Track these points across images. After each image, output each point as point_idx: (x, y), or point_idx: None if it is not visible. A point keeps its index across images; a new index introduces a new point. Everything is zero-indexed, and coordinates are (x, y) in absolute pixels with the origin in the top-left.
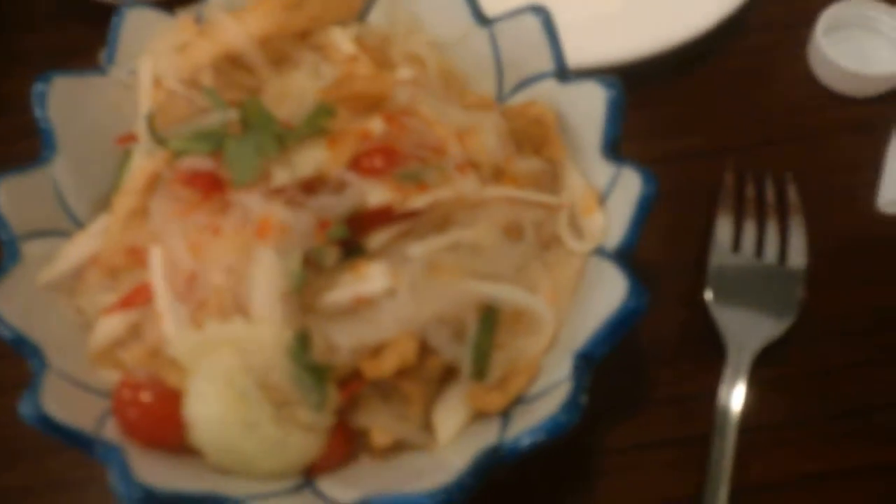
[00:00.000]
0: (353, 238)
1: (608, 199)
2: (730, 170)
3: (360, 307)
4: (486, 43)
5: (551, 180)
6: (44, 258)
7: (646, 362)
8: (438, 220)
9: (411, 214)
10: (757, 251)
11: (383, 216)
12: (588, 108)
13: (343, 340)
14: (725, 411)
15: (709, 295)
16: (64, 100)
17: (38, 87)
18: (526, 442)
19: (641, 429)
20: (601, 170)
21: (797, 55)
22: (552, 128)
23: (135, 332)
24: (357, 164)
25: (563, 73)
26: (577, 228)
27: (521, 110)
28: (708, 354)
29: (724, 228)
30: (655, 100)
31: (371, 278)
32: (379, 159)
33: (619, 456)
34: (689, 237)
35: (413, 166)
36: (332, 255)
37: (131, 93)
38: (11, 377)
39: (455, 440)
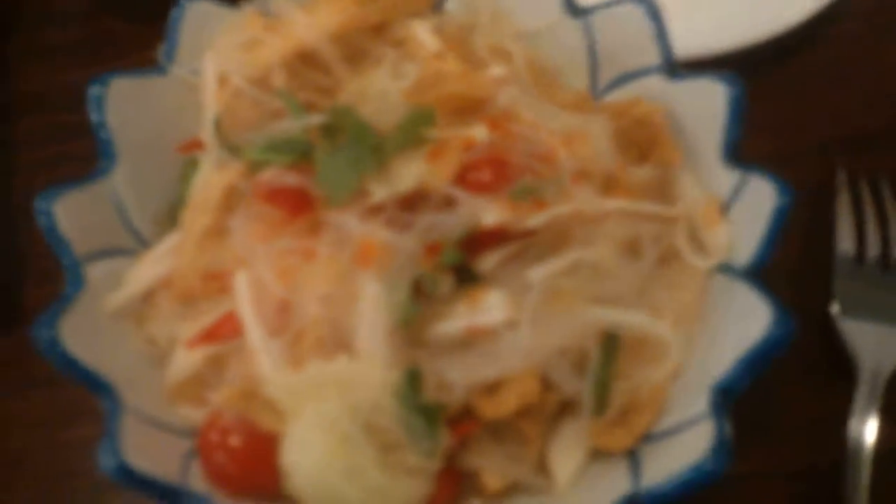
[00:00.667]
0: (466, 262)
1: (731, 209)
2: (841, 168)
3: (474, 340)
4: (578, 34)
5: (663, 189)
6: (109, 281)
7: (767, 382)
8: (554, 237)
9: (527, 234)
10: (883, 259)
11: (497, 237)
12: (704, 107)
13: (457, 377)
14: (859, 441)
15: (835, 308)
16: (121, 103)
17: (94, 90)
18: (670, 491)
19: (764, 458)
20: (722, 177)
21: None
22: (662, 129)
23: (216, 365)
24: (463, 177)
25: (672, 68)
26: (697, 242)
27: (624, 109)
28: (830, 373)
29: (844, 235)
30: (752, 94)
31: (489, 308)
32: (487, 172)
33: (739, 485)
34: (799, 242)
35: (526, 180)
36: (445, 282)
37: (194, 94)
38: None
39: (574, 483)
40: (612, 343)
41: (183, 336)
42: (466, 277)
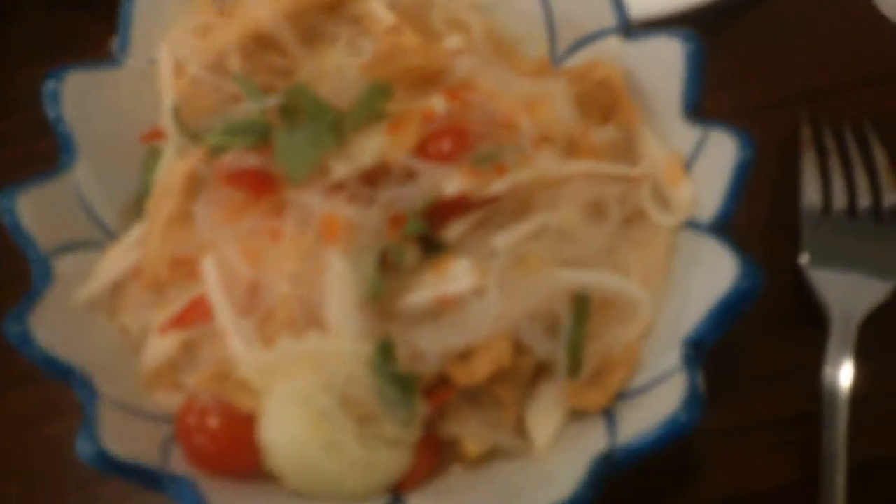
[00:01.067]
0: (431, 232)
1: (694, 165)
2: (806, 122)
3: (444, 309)
4: (534, 2)
5: (626, 149)
6: (78, 274)
7: (739, 336)
8: (518, 203)
9: (491, 201)
10: (850, 208)
11: (461, 205)
12: (662, 65)
13: (429, 346)
14: (834, 386)
15: (804, 259)
16: (78, 97)
17: (49, 84)
18: (645, 446)
19: (743, 409)
20: (683, 134)
21: None
22: (621, 90)
23: (190, 350)
24: (423, 149)
25: (628, 29)
26: (661, 200)
27: (583, 73)
28: (804, 324)
29: (810, 186)
30: (711, 50)
31: (456, 276)
32: (447, 142)
33: (721, 439)
34: (767, 196)
35: (486, 147)
36: (411, 253)
37: (151, 85)
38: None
39: (553, 445)
40: (583, 304)
41: (155, 324)
42: (432, 248)
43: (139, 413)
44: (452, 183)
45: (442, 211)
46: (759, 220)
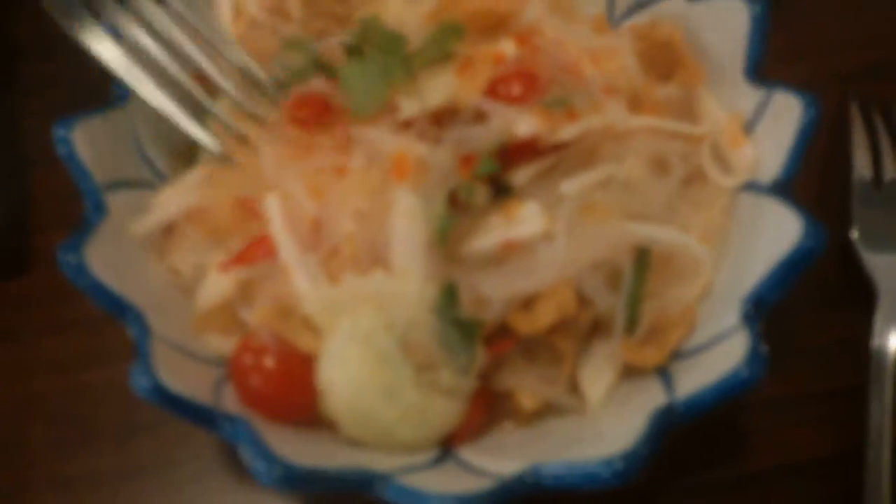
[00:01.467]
0: (501, 174)
1: (756, 127)
2: (854, 98)
3: (510, 254)
4: None
5: (686, 109)
6: (130, 212)
7: (787, 308)
8: (584, 153)
9: (560, 146)
10: None
11: (531, 149)
12: (726, 26)
13: (494, 292)
14: (881, 360)
15: (855, 234)
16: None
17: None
18: (707, 399)
19: (788, 381)
20: (745, 95)
21: None
22: (683, 50)
23: (247, 291)
24: (493, 91)
25: None
26: (722, 161)
27: (644, 32)
28: (853, 298)
29: (862, 163)
30: None
31: (524, 220)
32: (517, 86)
33: (765, 411)
34: (815, 170)
35: (557, 93)
36: (481, 192)
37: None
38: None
39: (606, 402)
40: (644, 258)
41: (211, 265)
42: (500, 191)
43: (190, 354)
44: (524, 124)
45: (511, 154)
46: (808, 194)
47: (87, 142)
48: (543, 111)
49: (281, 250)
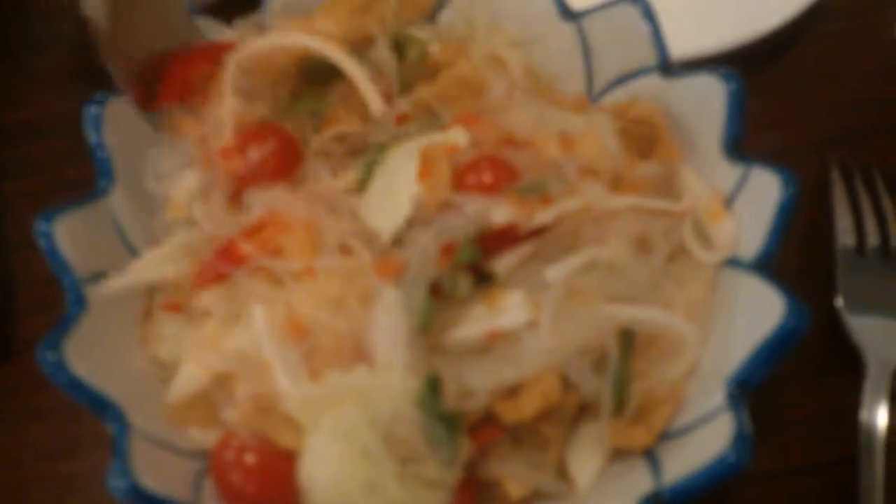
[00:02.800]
0: (482, 262)
1: (735, 202)
2: (836, 164)
3: (494, 343)
4: (573, 39)
5: (666, 186)
6: (111, 302)
7: (777, 378)
8: (566, 237)
9: (539, 232)
10: (883, 251)
11: (510, 236)
12: (703, 104)
13: (479, 382)
14: (871, 431)
15: (840, 302)
16: (118, 123)
17: (91, 109)
18: (693, 486)
19: (777, 454)
20: (724, 171)
21: (884, 38)
22: (662, 127)
23: (224, 384)
24: (463, 181)
25: (668, 67)
26: (703, 237)
27: (623, 110)
28: (840, 367)
29: (844, 230)
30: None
31: (509, 310)
32: (488, 174)
33: (757, 484)
34: (799, 238)
35: (531, 178)
36: (463, 282)
37: None
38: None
39: (595, 487)
40: (629, 340)
41: (186, 354)
42: (483, 279)
43: (170, 447)
44: (500, 212)
45: (491, 241)
46: (791, 261)
47: (68, 235)
48: (517, 198)
49: (262, 348)
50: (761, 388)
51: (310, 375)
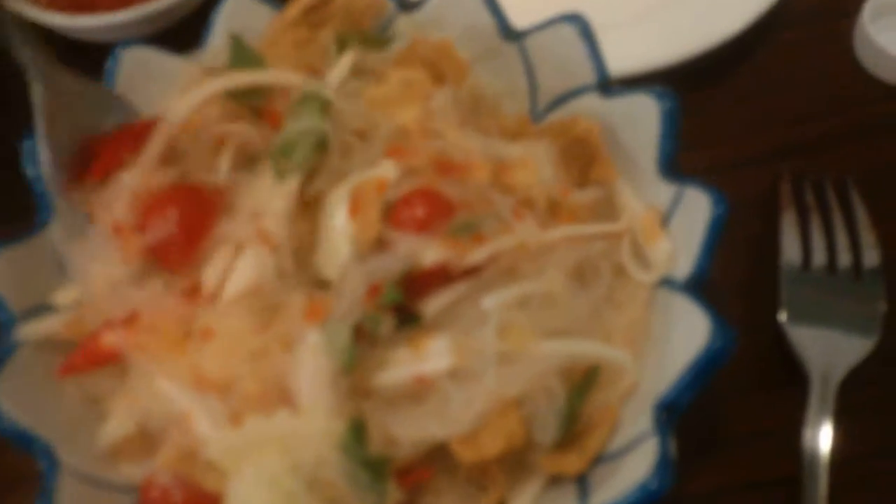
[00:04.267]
0: (408, 303)
1: (671, 222)
2: (785, 177)
3: (422, 390)
4: (516, 59)
5: (604, 205)
6: (38, 336)
7: (717, 395)
8: (501, 275)
9: (472, 271)
10: (829, 265)
11: (441, 276)
12: (639, 122)
13: (404, 433)
14: (814, 450)
15: (783, 316)
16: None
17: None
18: None
19: (721, 472)
20: (659, 190)
21: (840, 48)
22: (599, 146)
23: (148, 432)
24: (396, 216)
25: (607, 87)
26: (640, 257)
27: (563, 128)
28: (783, 382)
29: (790, 242)
30: (688, 107)
31: (433, 355)
32: (421, 209)
33: (697, 500)
34: (746, 252)
35: (464, 216)
36: (386, 323)
37: None
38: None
39: None
40: (590, 379)
41: (112, 405)
42: (409, 321)
43: (102, 484)
44: (430, 253)
45: (421, 282)
46: (738, 275)
47: (6, 270)
48: (449, 238)
49: (177, 401)
50: (704, 403)
51: (232, 421)
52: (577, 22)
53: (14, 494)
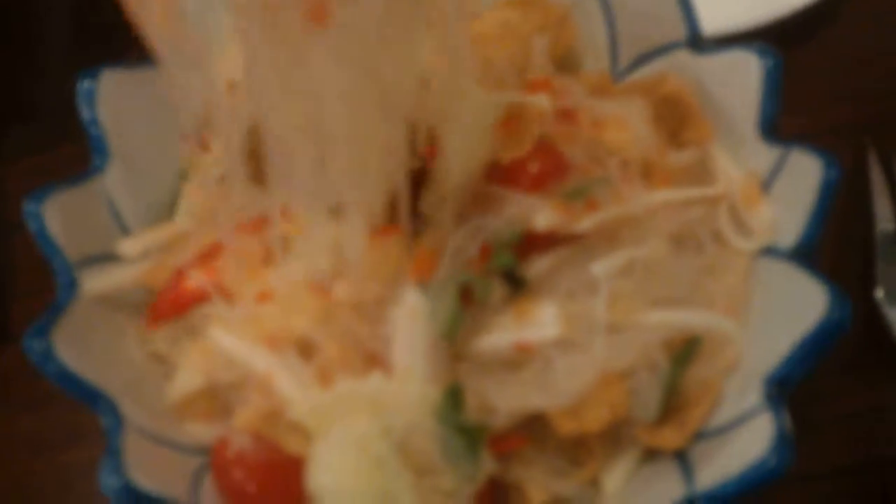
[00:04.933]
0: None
1: (772, 187)
2: (872, 149)
3: (524, 359)
4: (596, 11)
5: (698, 168)
6: (102, 290)
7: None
8: (602, 240)
9: (577, 237)
10: None
11: (547, 240)
12: (737, 81)
13: (502, 403)
14: None
15: (880, 293)
16: (113, 98)
17: (84, 84)
18: (730, 492)
19: (811, 455)
20: (759, 153)
21: None
22: (693, 106)
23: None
24: (512, 172)
25: (699, 42)
26: (739, 223)
27: (651, 86)
28: (879, 362)
29: (884, 219)
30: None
31: (540, 323)
32: (537, 165)
33: (787, 489)
34: (833, 227)
35: (578, 180)
36: (496, 289)
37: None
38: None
39: (623, 493)
40: (690, 349)
41: (182, 360)
42: (515, 284)
43: (168, 443)
44: (543, 217)
45: (529, 245)
46: (826, 251)
47: (59, 216)
48: (562, 203)
49: (256, 364)
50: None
51: (320, 380)
52: None
53: (74, 450)
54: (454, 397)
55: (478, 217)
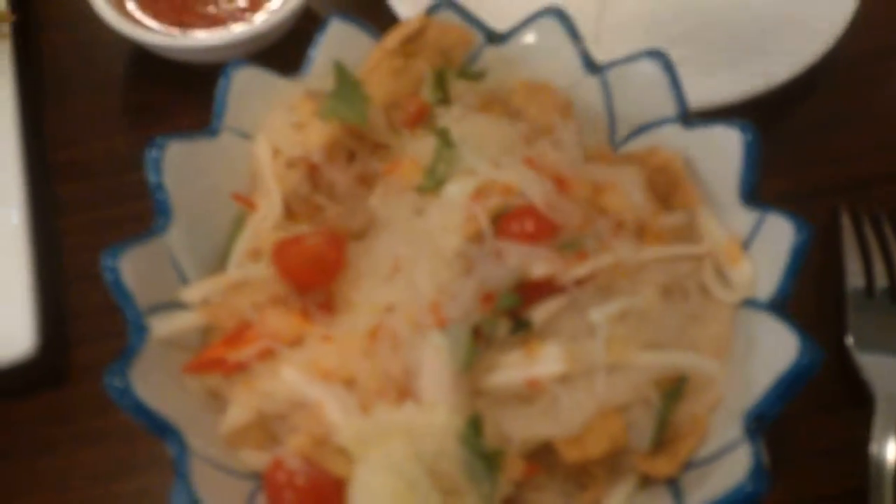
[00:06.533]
0: (518, 310)
1: (751, 246)
2: (845, 209)
3: (533, 392)
4: (596, 91)
5: (687, 230)
6: (168, 333)
7: (788, 413)
8: (599, 289)
9: (572, 285)
10: (891, 293)
11: (547, 287)
12: (720, 153)
13: (514, 432)
14: (880, 464)
15: (850, 340)
16: (177, 165)
17: (152, 153)
18: None
19: (790, 487)
20: (740, 217)
21: (891, 88)
22: (681, 175)
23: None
24: (506, 228)
25: (687, 118)
26: (722, 278)
27: (643, 158)
28: (850, 402)
29: (854, 271)
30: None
31: (545, 359)
32: (529, 223)
33: None
34: (809, 280)
35: (569, 234)
36: (503, 326)
37: (242, 156)
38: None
39: None
40: (679, 387)
41: (232, 397)
42: (520, 326)
43: (225, 469)
44: (540, 265)
45: (528, 291)
46: (803, 302)
47: (131, 268)
48: (556, 252)
49: (307, 391)
50: (775, 422)
51: (361, 408)
52: (659, 58)
53: (125, 480)
54: (475, 425)
55: (485, 268)
